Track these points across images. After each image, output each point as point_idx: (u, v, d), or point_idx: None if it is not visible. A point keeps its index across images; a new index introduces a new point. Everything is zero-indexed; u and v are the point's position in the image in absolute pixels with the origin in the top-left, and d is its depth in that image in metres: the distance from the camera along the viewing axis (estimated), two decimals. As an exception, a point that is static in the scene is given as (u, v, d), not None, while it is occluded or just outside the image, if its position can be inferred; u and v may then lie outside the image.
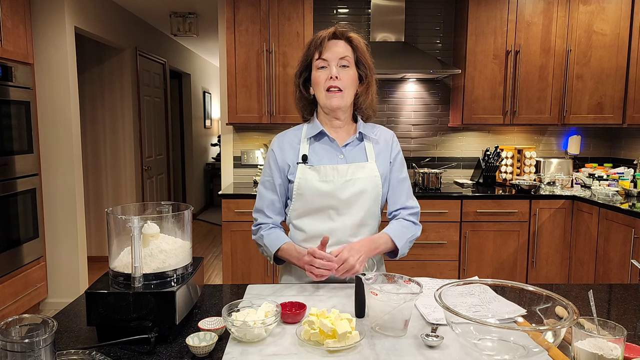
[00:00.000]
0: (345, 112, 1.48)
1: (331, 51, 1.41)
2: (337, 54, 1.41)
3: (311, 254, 1.32)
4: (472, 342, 0.90)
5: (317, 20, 3.66)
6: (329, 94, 1.41)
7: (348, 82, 1.41)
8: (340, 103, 1.42)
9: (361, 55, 1.44)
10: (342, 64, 1.41)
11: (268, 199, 1.51)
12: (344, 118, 1.49)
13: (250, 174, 3.86)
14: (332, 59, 1.40)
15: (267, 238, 1.48)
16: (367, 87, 1.48)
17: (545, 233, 3.32)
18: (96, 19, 3.95)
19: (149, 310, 1.00)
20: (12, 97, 3.08)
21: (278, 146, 1.51)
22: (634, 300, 1.33)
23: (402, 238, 1.45)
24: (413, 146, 3.89)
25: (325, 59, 1.41)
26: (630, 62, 3.39)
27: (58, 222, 3.58)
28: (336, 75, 1.39)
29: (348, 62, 1.42)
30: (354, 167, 1.44)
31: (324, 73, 1.41)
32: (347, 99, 1.43)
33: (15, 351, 0.77)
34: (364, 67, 1.45)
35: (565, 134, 3.91)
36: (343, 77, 1.40)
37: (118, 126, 4.71)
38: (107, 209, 1.09)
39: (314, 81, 1.44)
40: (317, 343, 1.00)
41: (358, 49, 1.44)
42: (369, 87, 1.48)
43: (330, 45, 1.41)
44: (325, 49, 1.41)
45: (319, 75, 1.42)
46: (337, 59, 1.41)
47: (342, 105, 1.43)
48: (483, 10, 3.41)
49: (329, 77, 1.40)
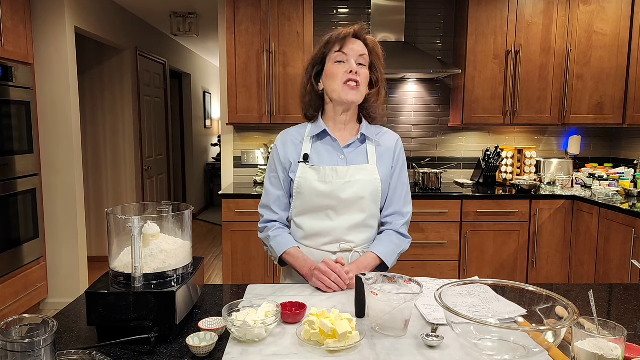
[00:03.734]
0: (353, 110, 1.49)
1: (351, 47, 1.42)
2: (357, 51, 1.43)
3: (327, 265, 1.35)
4: (473, 342, 0.90)
5: (317, 20, 3.66)
6: (346, 87, 1.41)
7: (363, 79, 1.43)
8: (355, 98, 1.43)
9: (376, 60, 1.47)
10: (360, 62, 1.43)
11: (274, 194, 1.52)
12: (351, 117, 1.50)
13: (251, 174, 3.86)
14: (351, 55, 1.42)
15: (274, 240, 1.49)
16: (378, 91, 1.49)
17: (546, 233, 3.32)
18: (96, 19, 3.95)
19: (149, 310, 1.00)
20: (12, 97, 3.08)
21: (281, 143, 1.52)
22: (634, 300, 1.33)
23: (392, 257, 1.48)
24: (413, 146, 3.89)
25: (346, 54, 1.42)
26: (631, 62, 3.39)
27: (58, 222, 3.58)
28: (356, 70, 1.41)
29: (365, 61, 1.44)
30: (354, 169, 1.44)
31: (342, 67, 1.41)
32: (362, 96, 1.45)
33: (16, 351, 0.77)
34: (377, 71, 1.48)
35: (565, 134, 3.91)
36: (361, 74, 1.42)
37: (118, 126, 4.71)
38: (108, 209, 1.09)
39: (331, 74, 1.43)
40: (318, 343, 1.00)
41: (374, 53, 1.47)
42: (379, 92, 1.50)
43: (350, 42, 1.43)
44: (347, 43, 1.42)
45: (337, 68, 1.42)
46: (356, 56, 1.42)
47: (357, 100, 1.44)
48: (483, 11, 3.41)
49: (349, 71, 1.40)
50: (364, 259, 1.44)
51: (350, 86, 1.41)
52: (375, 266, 1.45)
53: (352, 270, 1.38)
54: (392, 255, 1.47)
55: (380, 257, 1.44)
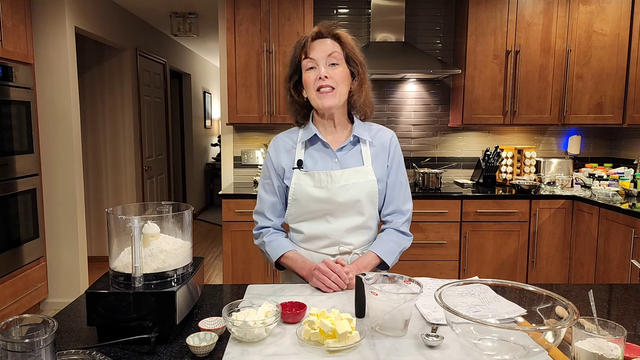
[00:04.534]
0: (339, 111, 1.44)
1: (317, 50, 1.36)
2: (324, 52, 1.36)
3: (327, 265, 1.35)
4: (472, 342, 0.90)
5: (317, 20, 3.66)
6: (319, 94, 1.37)
7: (339, 79, 1.37)
8: (333, 102, 1.38)
9: (350, 52, 1.40)
10: (331, 62, 1.37)
11: (269, 201, 1.50)
12: (339, 118, 1.46)
13: (251, 174, 3.86)
14: (319, 58, 1.36)
15: (269, 245, 1.48)
16: (361, 84, 1.43)
17: (546, 233, 3.32)
18: (96, 19, 3.95)
19: (149, 310, 1.00)
20: (12, 97, 3.08)
21: (274, 149, 1.50)
22: (634, 300, 1.33)
23: (392, 256, 1.46)
24: (413, 146, 3.89)
25: (313, 59, 1.36)
26: (630, 62, 3.39)
27: (58, 222, 3.58)
28: (325, 75, 1.35)
29: (337, 59, 1.37)
30: (349, 172, 1.42)
31: (313, 73, 1.37)
32: (340, 97, 1.39)
33: (16, 351, 0.77)
34: (354, 63, 1.41)
35: (565, 134, 3.91)
36: (333, 75, 1.36)
37: (118, 126, 4.71)
38: (108, 209, 1.09)
39: (305, 83, 1.40)
40: (317, 343, 1.00)
41: (347, 46, 1.39)
42: (363, 83, 1.43)
43: (316, 45, 1.37)
44: (310, 48, 1.37)
45: (308, 76, 1.38)
46: (325, 57, 1.36)
47: (335, 104, 1.39)
48: (483, 11, 3.41)
49: (318, 77, 1.35)
50: (364, 258, 1.43)
51: (323, 92, 1.36)
52: (375, 265, 1.44)
53: (352, 270, 1.38)
54: (392, 254, 1.46)
55: (380, 256, 1.44)
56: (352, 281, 1.34)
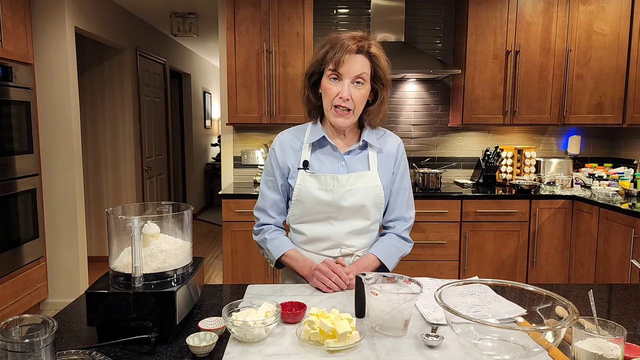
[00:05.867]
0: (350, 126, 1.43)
1: (348, 67, 1.31)
2: (353, 72, 1.31)
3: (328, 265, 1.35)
4: (472, 342, 0.90)
5: (317, 20, 3.66)
6: (336, 112, 1.35)
7: (359, 101, 1.34)
8: (346, 123, 1.37)
9: (380, 72, 1.36)
10: (357, 81, 1.33)
11: (271, 198, 1.49)
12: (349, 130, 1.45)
13: (251, 174, 3.86)
14: (347, 76, 1.32)
15: (271, 243, 1.48)
16: (381, 103, 1.41)
17: (545, 233, 3.32)
18: (96, 19, 3.95)
19: (149, 310, 1.00)
20: (12, 97, 3.08)
21: (280, 147, 1.47)
22: (634, 300, 1.33)
23: (392, 260, 1.47)
24: (413, 146, 3.89)
25: (340, 74, 1.32)
26: (630, 62, 3.39)
27: (58, 222, 3.58)
28: (347, 97, 1.31)
29: (363, 79, 1.33)
30: (355, 177, 1.41)
31: (335, 87, 1.33)
32: (356, 117, 1.37)
33: (16, 351, 0.77)
34: (380, 83, 1.38)
35: (565, 134, 3.91)
36: (354, 96, 1.32)
37: (118, 126, 4.71)
38: (108, 209, 1.09)
39: (324, 90, 1.36)
40: (317, 343, 1.00)
41: (378, 66, 1.36)
42: (382, 104, 1.41)
43: (348, 60, 1.31)
44: (342, 63, 1.31)
45: (329, 88, 1.34)
46: (352, 77, 1.32)
47: (346, 126, 1.38)
48: (483, 11, 3.41)
49: (339, 96, 1.32)
50: (365, 260, 1.43)
51: (339, 113, 1.34)
52: (375, 267, 1.44)
53: (352, 270, 1.38)
54: (392, 258, 1.46)
55: (380, 259, 1.43)
56: (352, 282, 1.34)
